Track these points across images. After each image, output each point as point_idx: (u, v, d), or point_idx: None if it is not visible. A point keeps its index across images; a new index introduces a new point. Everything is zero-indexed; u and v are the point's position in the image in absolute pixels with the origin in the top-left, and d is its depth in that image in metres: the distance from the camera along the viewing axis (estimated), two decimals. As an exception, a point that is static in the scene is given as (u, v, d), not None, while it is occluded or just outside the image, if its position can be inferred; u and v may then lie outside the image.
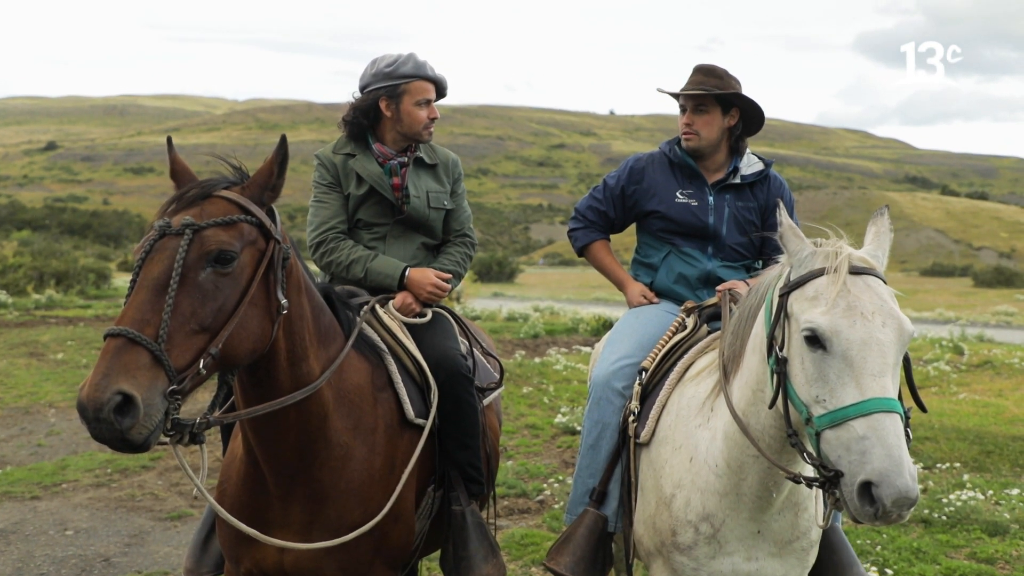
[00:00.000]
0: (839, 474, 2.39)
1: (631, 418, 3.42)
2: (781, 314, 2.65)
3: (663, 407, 3.35)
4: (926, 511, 6.43)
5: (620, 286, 4.10)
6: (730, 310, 3.37)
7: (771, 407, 2.67)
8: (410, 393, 3.39)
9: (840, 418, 2.40)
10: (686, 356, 3.46)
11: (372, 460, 3.14)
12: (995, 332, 19.81)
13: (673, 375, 3.41)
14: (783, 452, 2.81)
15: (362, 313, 3.47)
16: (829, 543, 3.35)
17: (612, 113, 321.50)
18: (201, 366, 2.44)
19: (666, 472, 3.18)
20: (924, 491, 7.02)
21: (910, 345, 2.56)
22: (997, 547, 5.83)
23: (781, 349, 2.62)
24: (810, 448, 2.53)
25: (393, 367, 3.39)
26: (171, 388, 2.35)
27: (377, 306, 3.60)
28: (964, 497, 6.57)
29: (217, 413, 2.82)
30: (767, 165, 3.94)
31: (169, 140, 2.79)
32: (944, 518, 6.31)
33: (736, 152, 3.92)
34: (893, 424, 2.36)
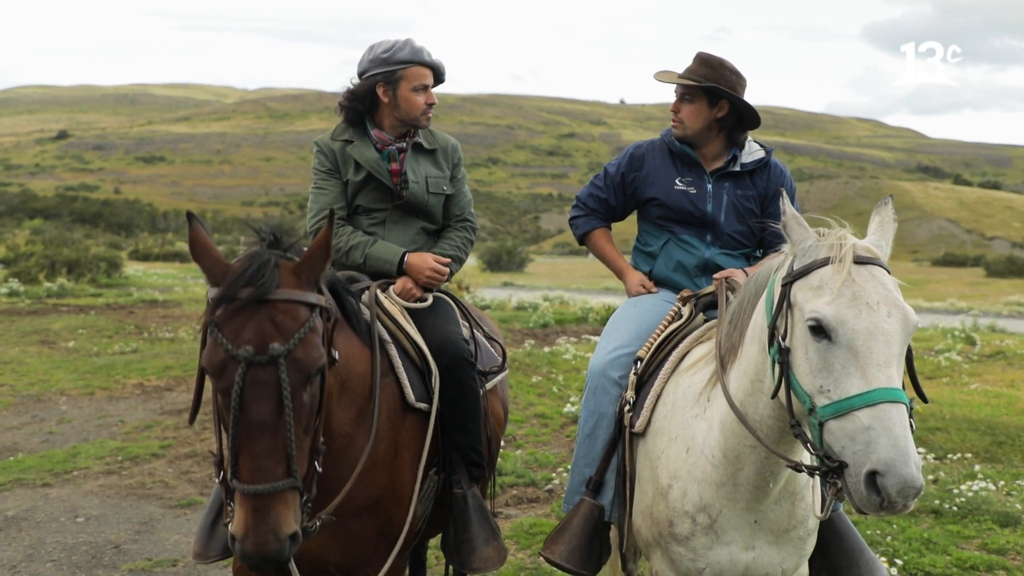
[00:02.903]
0: (843, 464, 2.38)
1: (627, 408, 3.43)
2: (784, 304, 2.64)
3: (658, 397, 3.36)
4: (937, 502, 6.40)
5: (619, 275, 4.10)
6: (727, 299, 3.37)
7: (773, 397, 2.66)
8: (411, 378, 3.39)
9: (845, 408, 2.39)
10: (681, 345, 3.46)
11: (375, 446, 3.13)
12: (1007, 322, 19.70)
13: (668, 365, 3.41)
14: (781, 442, 2.82)
15: (365, 299, 3.48)
16: (837, 530, 3.37)
17: (622, 102, 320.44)
18: (317, 466, 2.56)
19: (662, 463, 3.19)
20: (935, 482, 7.00)
21: (922, 335, 2.54)
22: (1008, 538, 5.81)
23: (784, 339, 2.61)
24: (813, 438, 2.52)
25: (394, 352, 3.39)
26: (304, 499, 2.49)
27: (378, 291, 3.60)
28: (975, 488, 6.53)
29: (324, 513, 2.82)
30: (768, 152, 3.91)
31: (190, 216, 2.56)
32: (955, 509, 6.28)
33: (734, 144, 3.89)
34: (899, 414, 2.35)
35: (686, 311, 3.62)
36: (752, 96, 3.87)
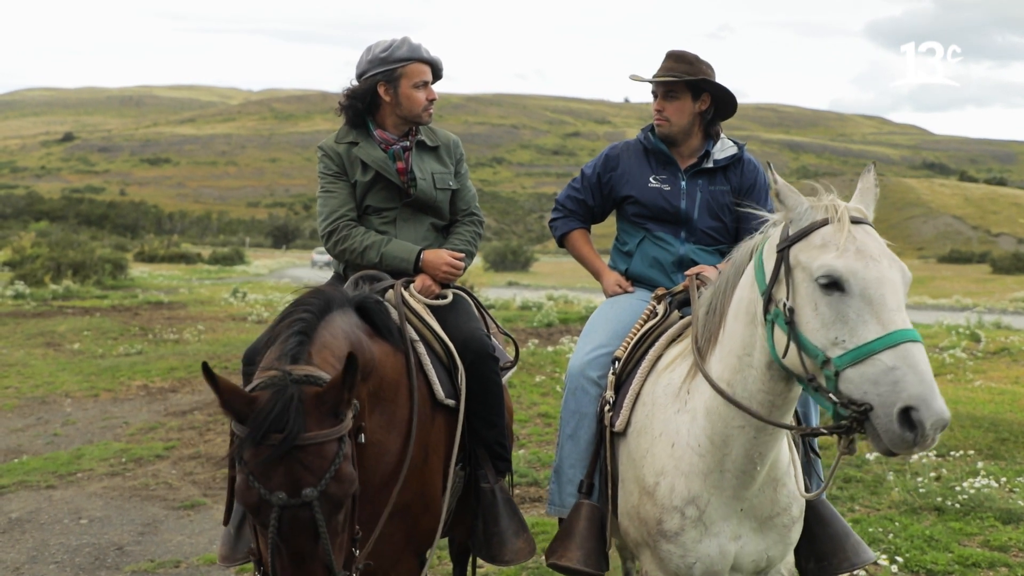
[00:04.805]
0: (869, 408, 2.43)
1: (606, 407, 3.45)
2: (780, 268, 2.72)
3: (636, 397, 3.38)
4: (939, 499, 6.39)
5: (596, 275, 4.15)
6: (699, 294, 3.41)
7: (784, 357, 2.70)
8: (439, 375, 3.41)
9: (865, 353, 2.46)
10: (655, 346, 3.48)
11: (406, 451, 3.13)
12: (1013, 319, 19.70)
13: (644, 364, 3.44)
14: (771, 416, 2.88)
15: (390, 298, 3.51)
16: (820, 516, 3.41)
17: (627, 101, 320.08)
18: (355, 551, 2.60)
19: (647, 462, 3.21)
20: (938, 479, 6.99)
21: (927, 332, 2.59)
22: (1011, 535, 5.80)
23: (787, 301, 2.67)
24: (829, 389, 2.56)
25: (422, 350, 3.41)
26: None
27: (403, 290, 3.62)
28: (978, 485, 6.52)
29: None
30: (740, 148, 3.97)
31: (205, 368, 2.44)
32: (957, 506, 6.28)
33: (710, 137, 3.94)
34: (920, 352, 2.43)
35: (661, 309, 3.65)
36: (755, 93, 3.97)
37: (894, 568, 5.21)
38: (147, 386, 11.32)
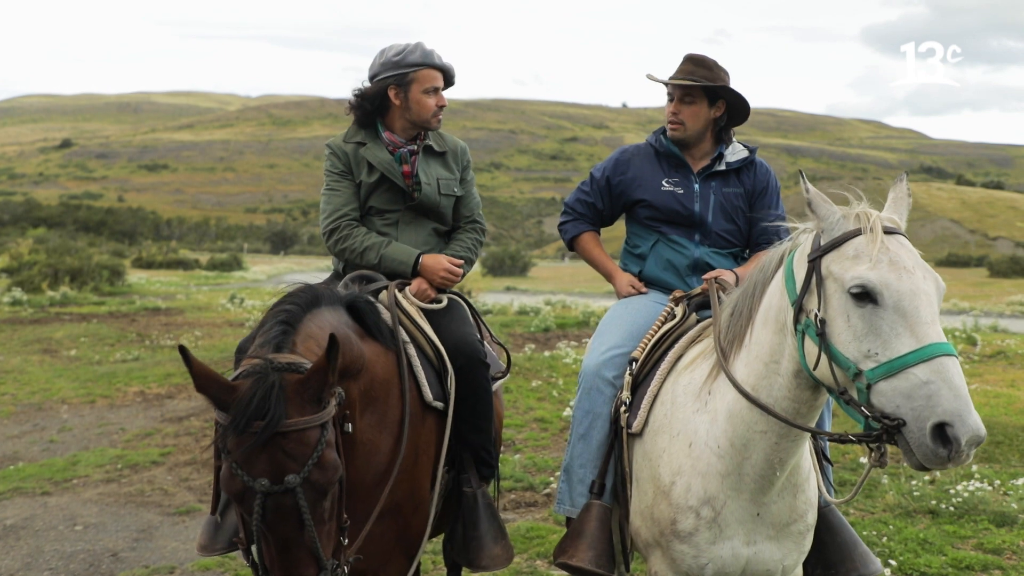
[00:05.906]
0: (901, 423, 2.41)
1: (622, 408, 3.43)
2: (812, 279, 2.69)
3: (655, 397, 3.36)
4: (933, 502, 6.41)
5: (608, 277, 4.14)
6: (719, 298, 3.40)
7: (815, 369, 2.68)
8: (428, 377, 3.44)
9: (898, 367, 2.43)
10: (676, 346, 3.47)
11: (397, 450, 3.16)
12: (1010, 322, 19.67)
13: (664, 365, 3.42)
14: (796, 422, 2.86)
15: (383, 299, 3.54)
16: (829, 524, 3.39)
17: (624, 106, 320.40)
18: (343, 540, 2.61)
19: (664, 461, 3.20)
20: (932, 482, 7.00)
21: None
22: (1004, 537, 5.81)
23: (819, 311, 2.64)
24: (860, 402, 2.54)
25: (412, 351, 3.43)
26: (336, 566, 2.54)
27: (396, 292, 3.64)
28: (972, 488, 6.54)
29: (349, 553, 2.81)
30: (751, 152, 3.97)
31: (182, 350, 2.42)
32: (951, 509, 6.29)
33: (722, 141, 3.95)
34: (955, 366, 2.41)
35: (679, 311, 3.64)
36: (752, 98, 3.97)
37: (888, 571, 5.22)
38: (144, 392, 11.32)
